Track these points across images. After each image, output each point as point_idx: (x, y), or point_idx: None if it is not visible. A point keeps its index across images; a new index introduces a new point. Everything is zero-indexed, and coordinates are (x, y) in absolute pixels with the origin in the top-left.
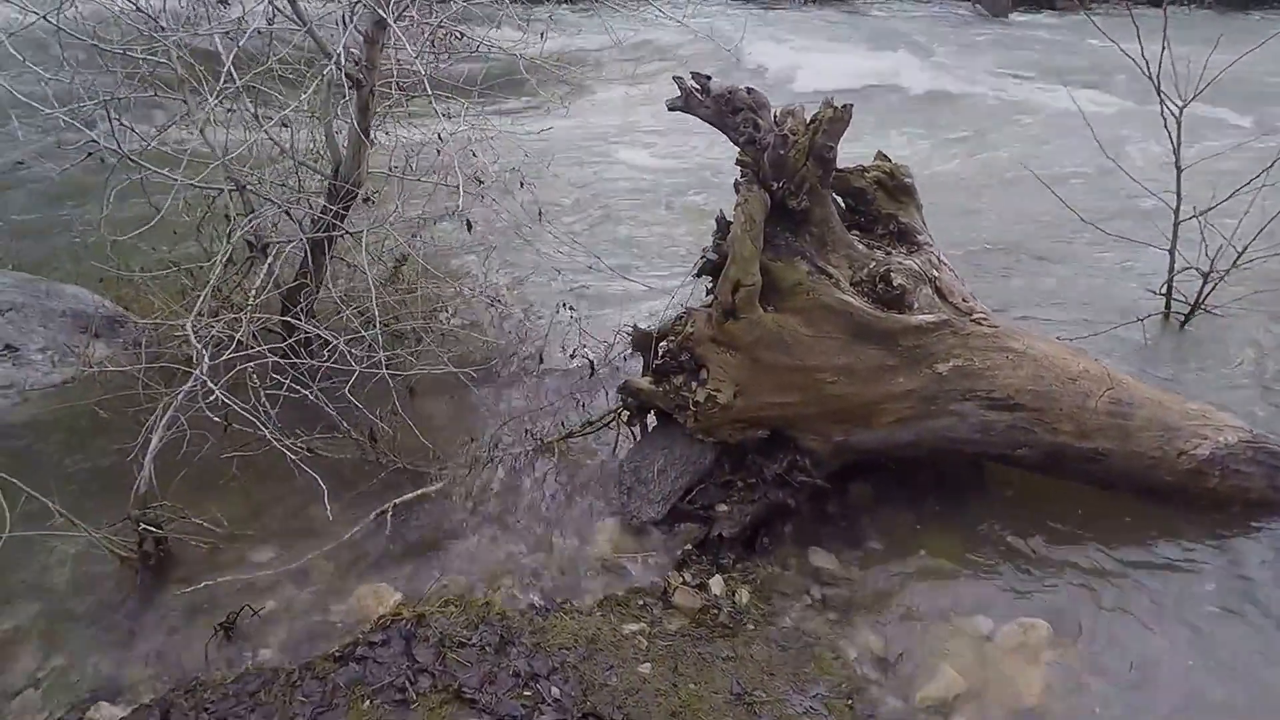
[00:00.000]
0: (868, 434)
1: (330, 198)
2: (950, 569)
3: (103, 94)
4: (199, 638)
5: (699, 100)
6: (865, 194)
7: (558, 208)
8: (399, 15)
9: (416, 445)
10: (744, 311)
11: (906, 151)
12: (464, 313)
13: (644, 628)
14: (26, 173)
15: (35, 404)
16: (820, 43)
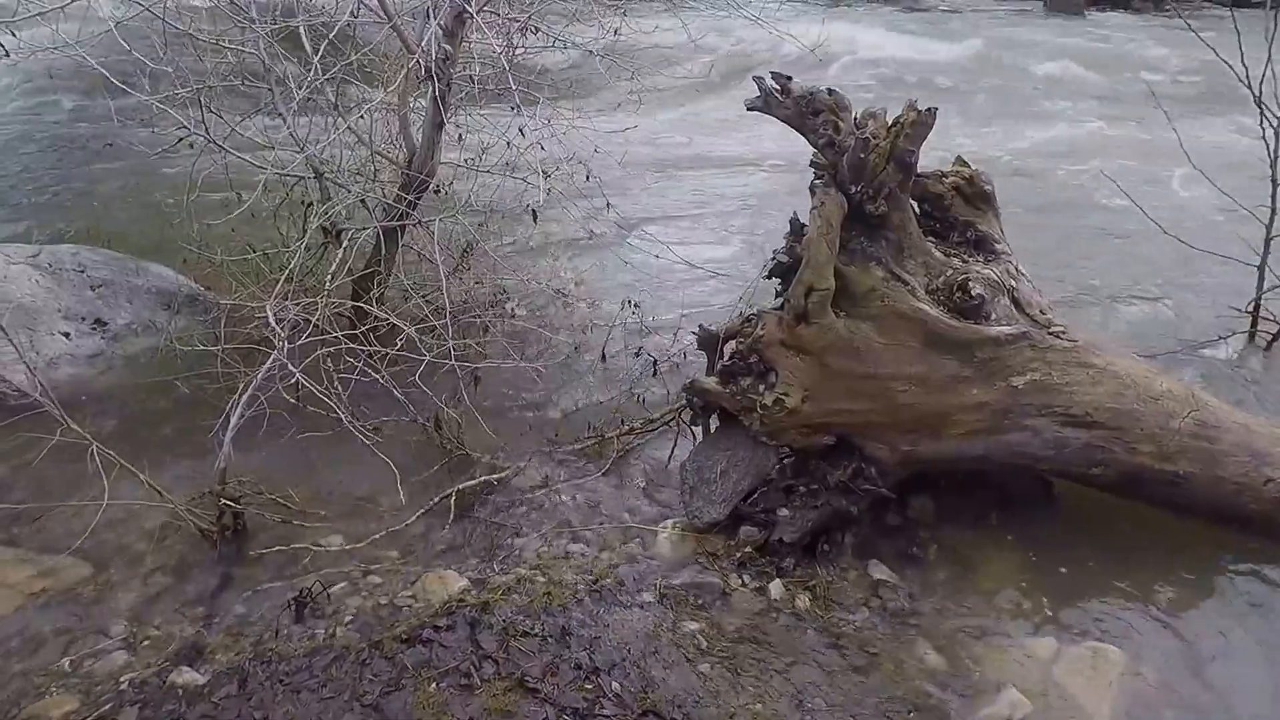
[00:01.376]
0: (936, 445)
1: (403, 187)
2: (1014, 587)
3: (194, 82)
4: (272, 610)
5: (778, 101)
6: (942, 200)
7: (626, 202)
8: (479, 9)
9: (480, 433)
10: (816, 316)
11: (971, 151)
12: (529, 304)
13: (703, 627)
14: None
15: (120, 374)
16: (887, 40)
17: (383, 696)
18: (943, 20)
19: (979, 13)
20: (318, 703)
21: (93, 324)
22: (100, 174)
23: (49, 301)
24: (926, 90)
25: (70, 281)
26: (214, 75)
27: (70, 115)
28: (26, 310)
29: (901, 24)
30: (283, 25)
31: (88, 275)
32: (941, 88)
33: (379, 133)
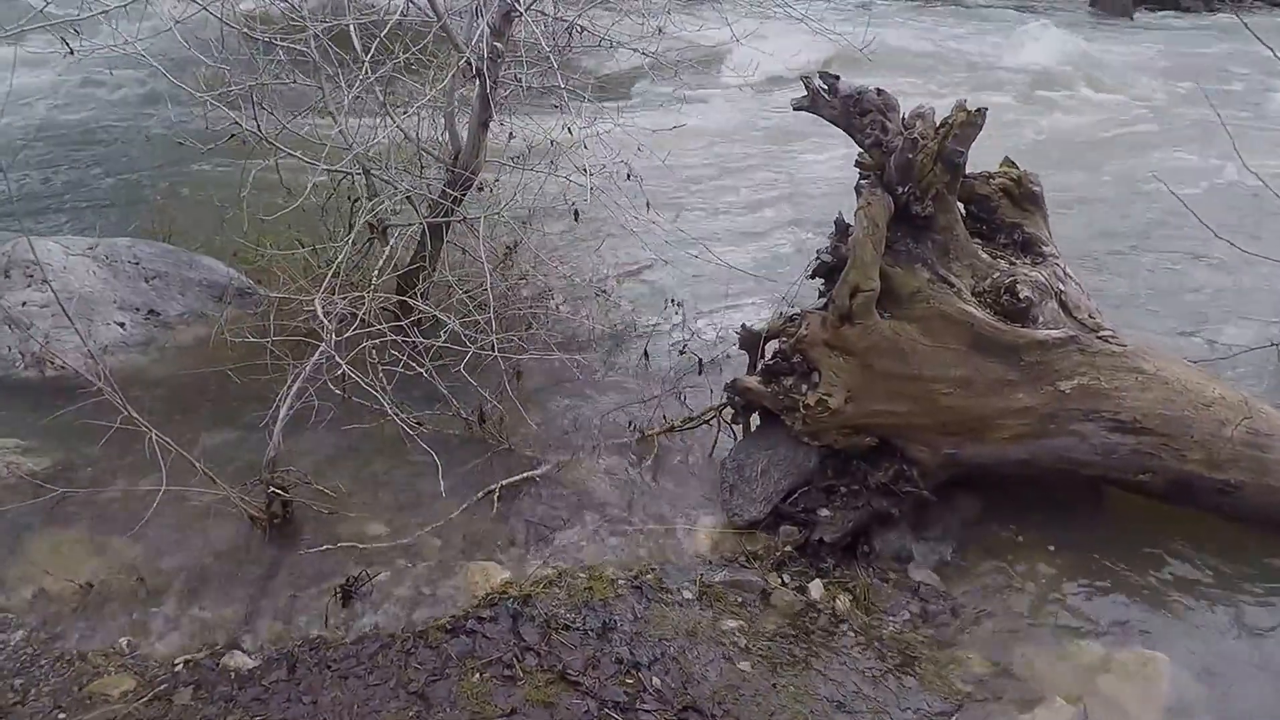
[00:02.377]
0: (980, 448)
1: (449, 184)
2: (1057, 591)
3: (247, 80)
4: (320, 597)
5: (825, 101)
6: (989, 201)
7: (669, 201)
8: (528, 7)
9: (522, 428)
10: (860, 317)
11: (1017, 153)
12: (570, 301)
13: (742, 625)
14: (172, 151)
15: (172, 363)
16: (929, 42)
17: (428, 685)
18: (984, 21)
19: (1028, 19)
20: (365, 689)
21: (146, 314)
22: (155, 169)
23: (105, 292)
24: (960, 94)
25: (125, 273)
26: (266, 73)
27: (127, 111)
28: (84, 300)
29: (942, 25)
30: (334, 24)
31: (142, 267)
32: (977, 90)
33: (425, 129)
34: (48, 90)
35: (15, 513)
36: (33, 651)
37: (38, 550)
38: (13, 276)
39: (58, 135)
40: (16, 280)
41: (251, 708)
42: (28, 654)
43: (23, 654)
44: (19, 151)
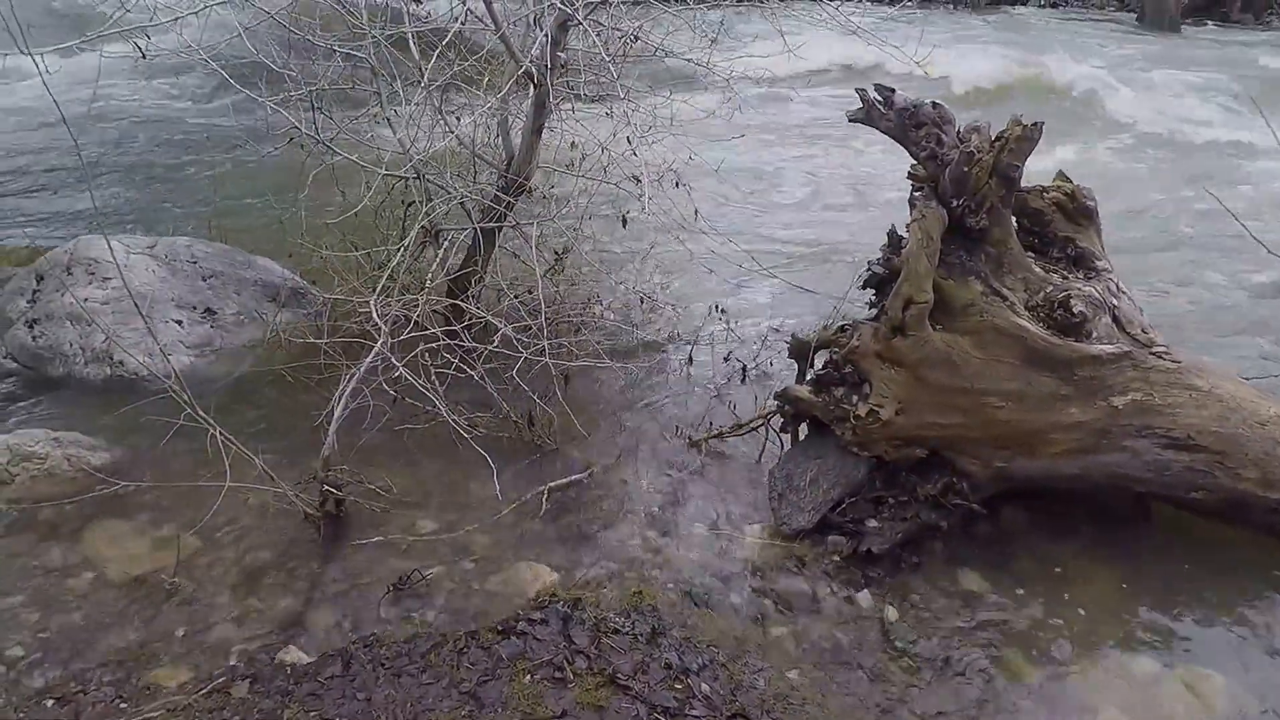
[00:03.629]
0: (1031, 462)
1: (501, 189)
2: (1108, 606)
3: (306, 84)
4: (373, 595)
5: (880, 113)
6: (1043, 215)
7: (717, 210)
8: (585, 17)
9: (570, 431)
10: (913, 329)
11: (1068, 167)
12: (616, 307)
13: (791, 633)
14: (232, 153)
15: (227, 362)
16: (971, 51)
17: (480, 685)
18: (1028, 31)
19: (1071, 30)
20: (418, 687)
21: (203, 313)
22: (215, 171)
23: (164, 290)
24: (1006, 106)
25: (184, 272)
26: (326, 78)
27: (191, 114)
28: (143, 298)
29: (985, 35)
30: (393, 32)
31: (200, 267)
32: (1021, 100)
33: (478, 135)
34: (112, 93)
35: (78, 504)
36: (90, 640)
37: (98, 540)
38: (75, 274)
39: (121, 137)
40: (79, 277)
41: (307, 702)
42: (85, 642)
43: (81, 641)
44: (87, 153)
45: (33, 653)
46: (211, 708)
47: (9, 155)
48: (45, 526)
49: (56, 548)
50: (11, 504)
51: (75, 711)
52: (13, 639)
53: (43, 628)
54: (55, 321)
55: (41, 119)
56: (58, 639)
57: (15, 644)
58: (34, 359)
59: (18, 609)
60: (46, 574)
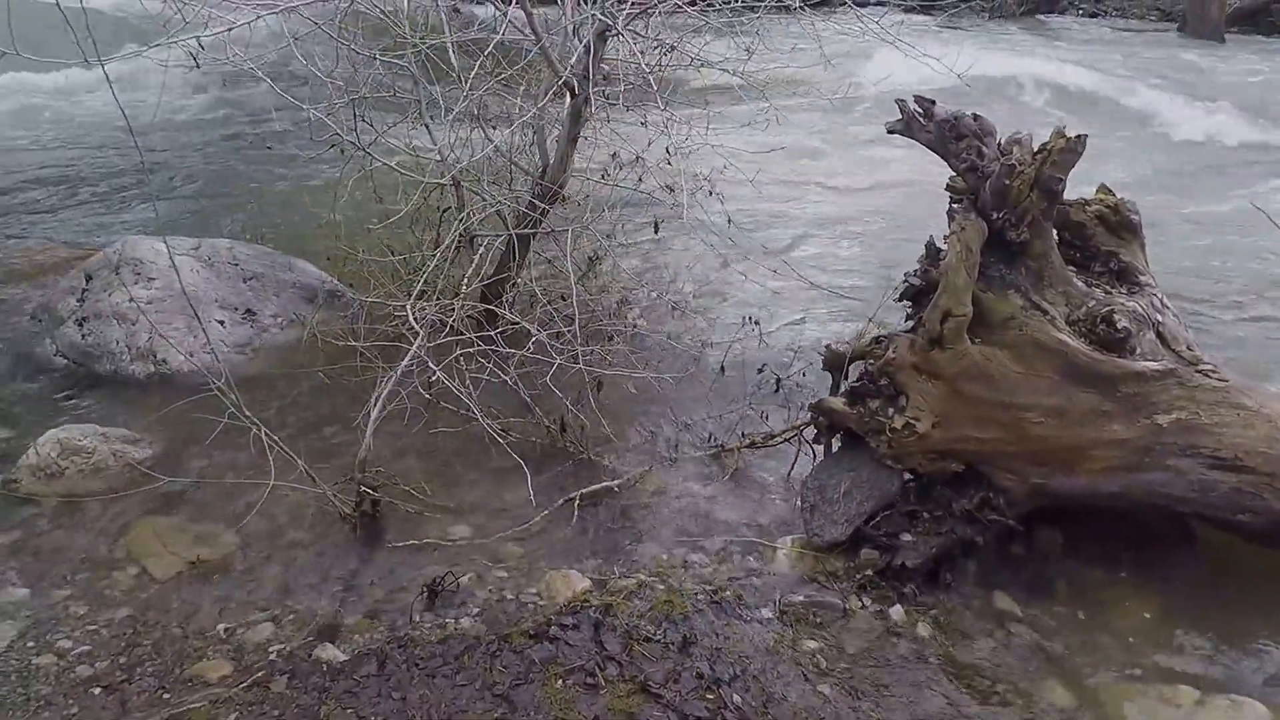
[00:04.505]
0: (1069, 480)
1: (536, 196)
2: (1145, 630)
3: (349, 92)
4: (406, 595)
5: (920, 125)
6: (1084, 228)
7: (751, 219)
8: (624, 26)
9: (601, 438)
10: (951, 342)
11: (1110, 181)
12: (647, 315)
13: (823, 647)
14: (275, 158)
15: (265, 361)
16: (1009, 60)
17: (512, 688)
18: (1068, 42)
19: (1112, 40)
20: (451, 689)
21: (244, 314)
22: (258, 175)
23: (207, 291)
24: (1044, 117)
25: (226, 273)
26: (367, 86)
27: (235, 120)
28: (188, 298)
29: (1024, 45)
30: (435, 41)
31: (241, 268)
32: (1059, 112)
33: (514, 142)
34: (163, 100)
35: (123, 498)
36: (135, 632)
37: (142, 535)
38: (122, 274)
39: (169, 142)
40: (125, 277)
41: (343, 700)
42: (131, 634)
43: (126, 634)
44: (135, 157)
45: (80, 645)
46: (251, 701)
47: (62, 160)
48: (92, 520)
49: (103, 543)
50: (61, 497)
51: (121, 700)
52: (62, 631)
53: (90, 621)
54: (103, 320)
55: (92, 124)
56: (104, 632)
57: (64, 636)
58: (82, 356)
59: (67, 602)
60: (94, 568)
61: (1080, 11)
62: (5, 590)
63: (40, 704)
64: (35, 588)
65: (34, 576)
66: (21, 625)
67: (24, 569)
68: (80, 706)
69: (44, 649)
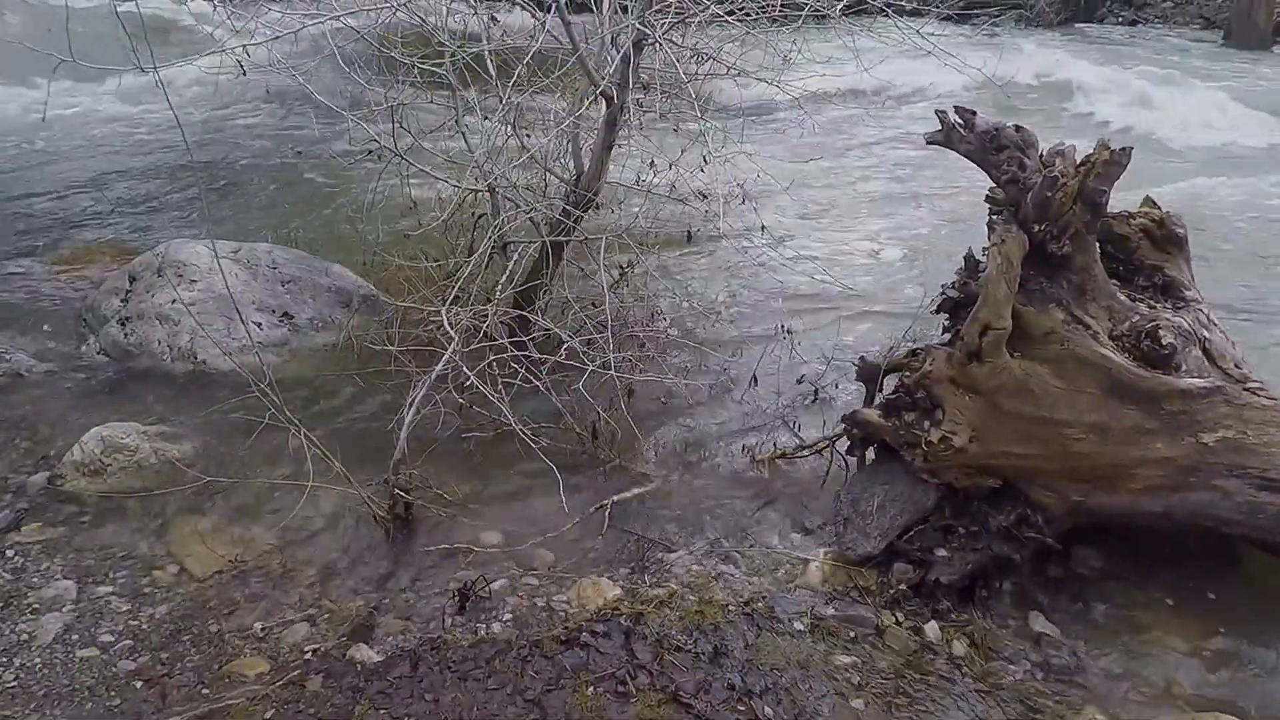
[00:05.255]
0: (1110, 498)
1: (571, 203)
2: (1187, 655)
3: (386, 98)
4: (438, 598)
5: (960, 135)
6: (1128, 242)
7: (784, 226)
8: (661, 35)
9: (633, 446)
10: (990, 355)
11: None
12: (679, 323)
13: (856, 661)
14: (314, 164)
15: (302, 363)
16: (1051, 70)
17: (544, 694)
18: (1110, 50)
19: (1154, 49)
20: (483, 693)
21: (281, 316)
22: (296, 180)
23: (246, 293)
24: (1085, 128)
25: (264, 276)
26: (405, 94)
27: (276, 126)
28: (227, 301)
29: (1064, 54)
30: (473, 49)
31: (279, 272)
32: (1100, 124)
33: (549, 149)
34: (205, 107)
35: (163, 496)
36: (175, 628)
37: (181, 533)
38: (165, 275)
39: (214, 146)
40: (168, 279)
41: (377, 700)
42: (170, 630)
43: (166, 629)
44: (178, 160)
45: (123, 639)
46: (287, 699)
47: (107, 165)
48: (134, 517)
49: (144, 539)
50: (104, 494)
51: (162, 694)
52: (105, 625)
53: (132, 616)
54: (145, 320)
55: (136, 130)
56: (145, 627)
57: (107, 630)
58: (125, 354)
59: (110, 597)
60: (135, 564)
61: (1119, 20)
62: (52, 584)
63: (85, 695)
64: (79, 582)
65: (78, 571)
66: (67, 619)
67: (68, 564)
68: (122, 699)
69: (88, 642)
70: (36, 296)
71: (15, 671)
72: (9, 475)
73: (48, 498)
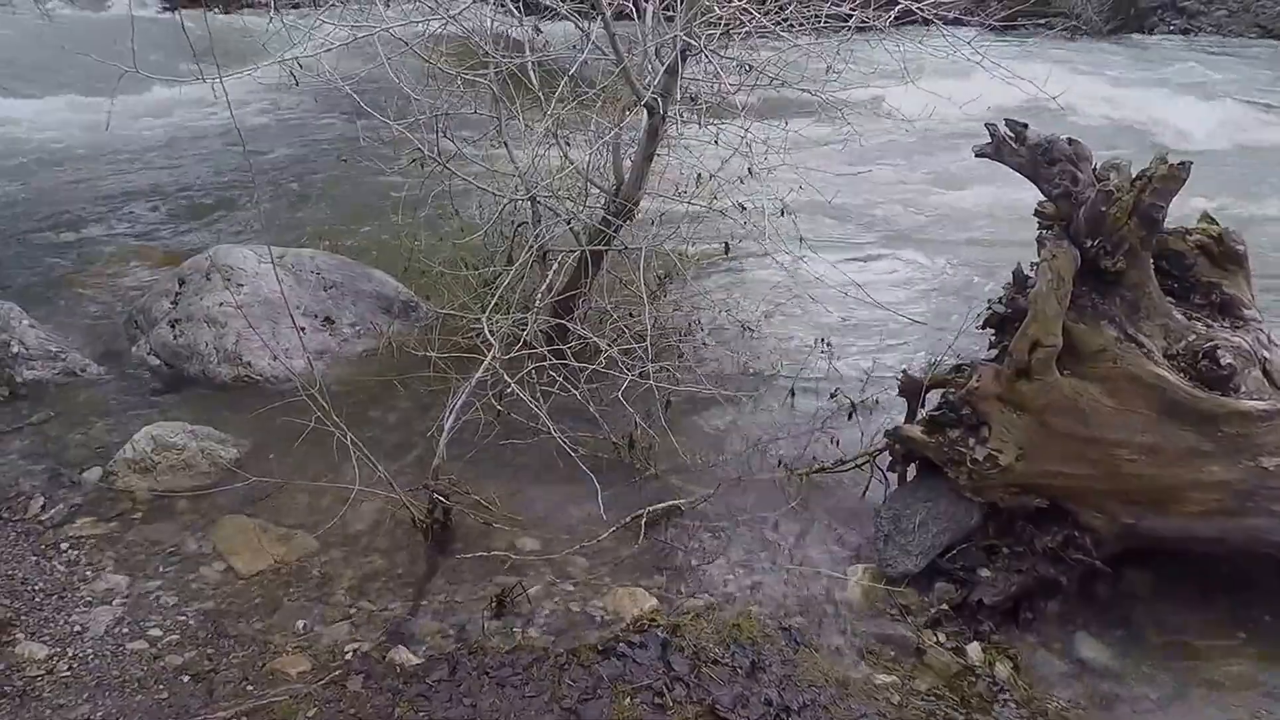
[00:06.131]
0: (1162, 521)
1: (611, 213)
2: (1244, 686)
3: (432, 109)
4: (476, 605)
5: (1012, 149)
6: (1184, 258)
7: (823, 238)
8: (705, 47)
9: (669, 456)
10: (1039, 373)
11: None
12: (717, 334)
13: (895, 681)
14: (359, 171)
15: (343, 368)
16: (1103, 82)
17: (580, 703)
18: (1167, 62)
19: (1214, 61)
20: (521, 699)
21: (323, 321)
22: (342, 187)
23: (290, 298)
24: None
25: (308, 282)
26: (449, 103)
27: (327, 135)
28: (272, 305)
29: (1118, 64)
30: (518, 60)
31: (322, 277)
32: (1153, 137)
33: (590, 159)
34: (257, 115)
35: (209, 495)
36: (220, 625)
37: (227, 532)
38: (213, 279)
39: (264, 153)
40: (216, 283)
41: (416, 703)
42: (216, 626)
43: (211, 626)
44: (227, 166)
45: (170, 634)
46: (329, 698)
47: (159, 171)
48: (181, 515)
49: (191, 537)
50: (153, 491)
51: (208, 689)
52: (153, 619)
53: (180, 611)
54: (194, 323)
55: (184, 138)
56: (193, 623)
57: (155, 625)
58: (174, 356)
59: (158, 593)
60: (182, 561)
61: (1171, 29)
62: (104, 577)
63: (134, 687)
64: (130, 576)
65: (129, 566)
66: (118, 611)
67: (119, 558)
68: (170, 692)
69: (137, 635)
70: (91, 297)
71: (69, 661)
72: (65, 471)
73: (101, 493)
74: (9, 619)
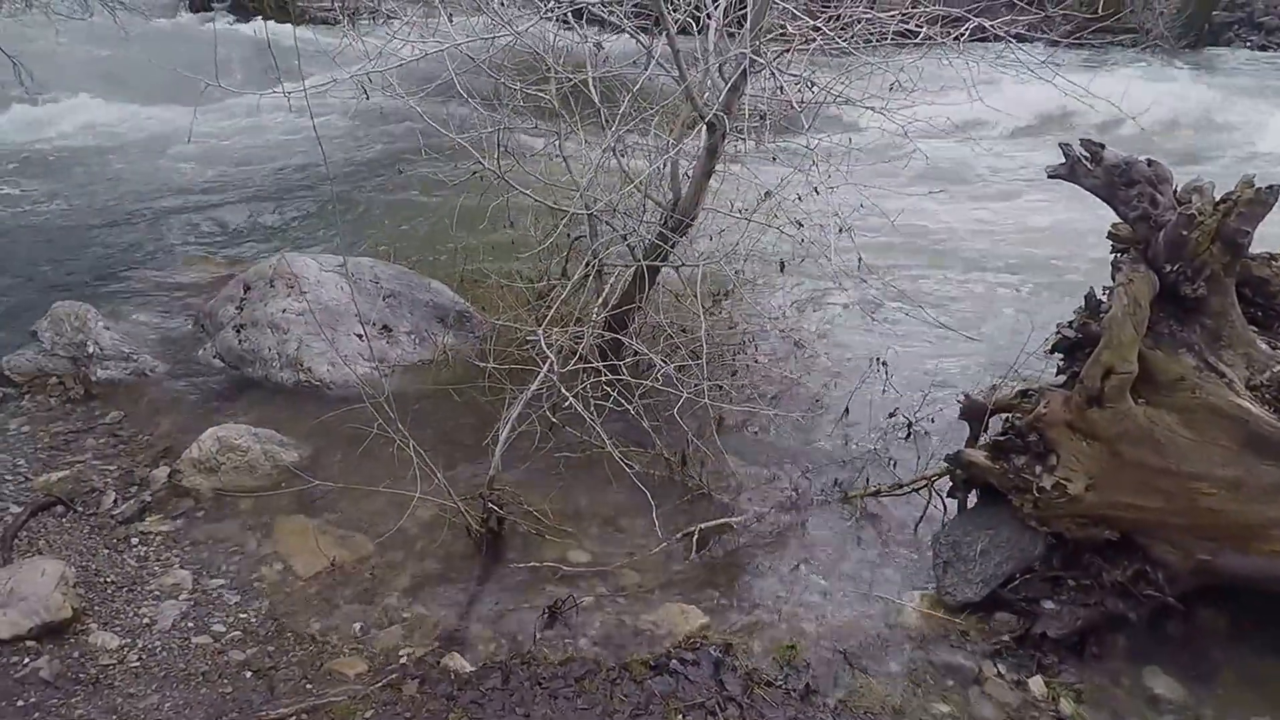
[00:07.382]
0: (1241, 559)
1: (668, 229)
2: None
3: (492, 124)
4: (529, 614)
5: (1086, 169)
6: (1268, 285)
7: (882, 257)
8: (769, 63)
9: (721, 474)
10: (1112, 400)
11: None
12: (771, 351)
13: (953, 712)
14: (420, 184)
15: (400, 377)
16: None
17: (633, 718)
18: (1260, 81)
19: None
20: (573, 712)
21: (380, 329)
22: (402, 199)
23: (349, 306)
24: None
25: (367, 290)
26: (510, 118)
27: (387, 147)
28: (332, 312)
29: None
30: (579, 76)
31: (380, 286)
32: (1219, 159)
33: (648, 174)
34: (322, 127)
35: (271, 496)
36: (279, 624)
37: (288, 533)
38: (276, 286)
39: (326, 164)
40: (279, 289)
41: (470, 709)
42: (276, 624)
43: (271, 624)
44: (288, 175)
45: (233, 630)
46: (385, 701)
47: (228, 180)
48: (243, 515)
49: (253, 537)
50: (217, 491)
51: (270, 686)
52: (217, 616)
53: (242, 610)
54: (258, 328)
55: (250, 150)
56: (254, 621)
57: (219, 621)
58: (238, 360)
59: (221, 590)
60: (244, 560)
61: (1248, 44)
62: (171, 572)
63: (199, 680)
64: (195, 573)
65: (194, 563)
66: (183, 606)
67: (185, 555)
68: (234, 686)
69: (202, 630)
70: (160, 301)
71: (138, 653)
72: (135, 469)
73: (168, 491)
74: (84, 608)
